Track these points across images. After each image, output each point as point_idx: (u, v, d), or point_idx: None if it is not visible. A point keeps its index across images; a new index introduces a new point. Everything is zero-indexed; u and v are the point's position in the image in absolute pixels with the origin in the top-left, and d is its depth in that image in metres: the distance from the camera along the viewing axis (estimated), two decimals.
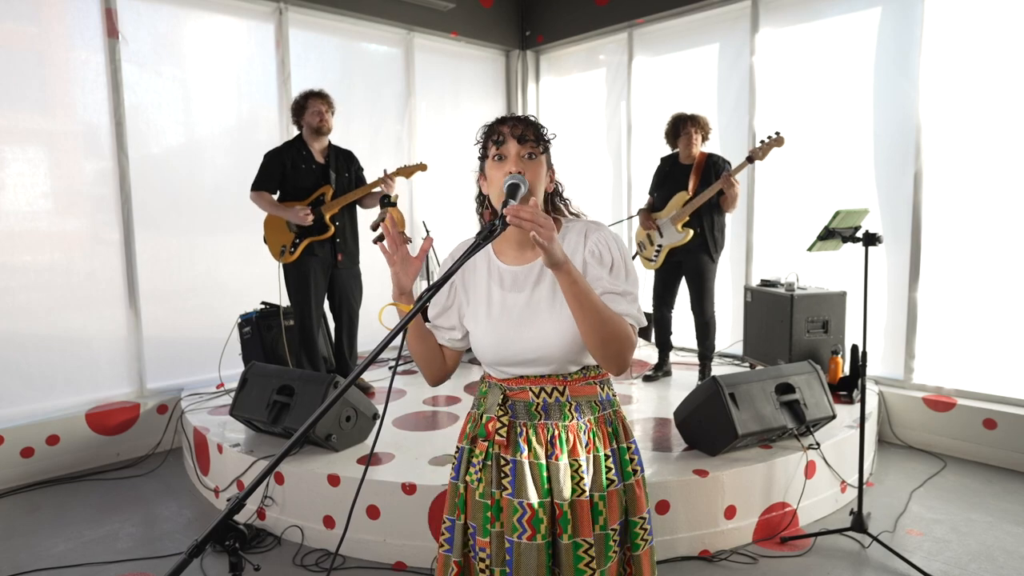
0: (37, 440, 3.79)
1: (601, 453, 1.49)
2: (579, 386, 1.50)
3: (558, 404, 1.48)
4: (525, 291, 1.48)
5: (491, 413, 1.50)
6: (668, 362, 4.44)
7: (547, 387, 1.48)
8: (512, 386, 1.50)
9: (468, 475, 1.54)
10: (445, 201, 5.60)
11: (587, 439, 1.49)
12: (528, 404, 1.49)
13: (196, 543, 1.00)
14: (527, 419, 1.48)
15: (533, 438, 1.47)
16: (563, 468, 1.45)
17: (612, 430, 1.53)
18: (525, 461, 1.46)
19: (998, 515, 3.18)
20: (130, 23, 4.15)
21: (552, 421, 1.48)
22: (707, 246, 4.04)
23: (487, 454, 1.50)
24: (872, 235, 2.79)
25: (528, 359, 1.47)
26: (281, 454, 1.06)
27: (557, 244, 1.27)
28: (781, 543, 2.93)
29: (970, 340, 3.99)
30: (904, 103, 4.13)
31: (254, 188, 3.83)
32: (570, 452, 1.47)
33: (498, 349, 1.48)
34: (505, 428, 1.48)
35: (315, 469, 2.98)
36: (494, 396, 1.52)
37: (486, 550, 1.49)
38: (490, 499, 1.48)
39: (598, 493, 1.47)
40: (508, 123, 1.46)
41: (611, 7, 5.58)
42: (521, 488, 1.44)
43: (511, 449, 1.48)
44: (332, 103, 3.89)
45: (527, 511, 1.43)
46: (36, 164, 3.91)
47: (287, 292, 3.95)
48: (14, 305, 3.84)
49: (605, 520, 1.47)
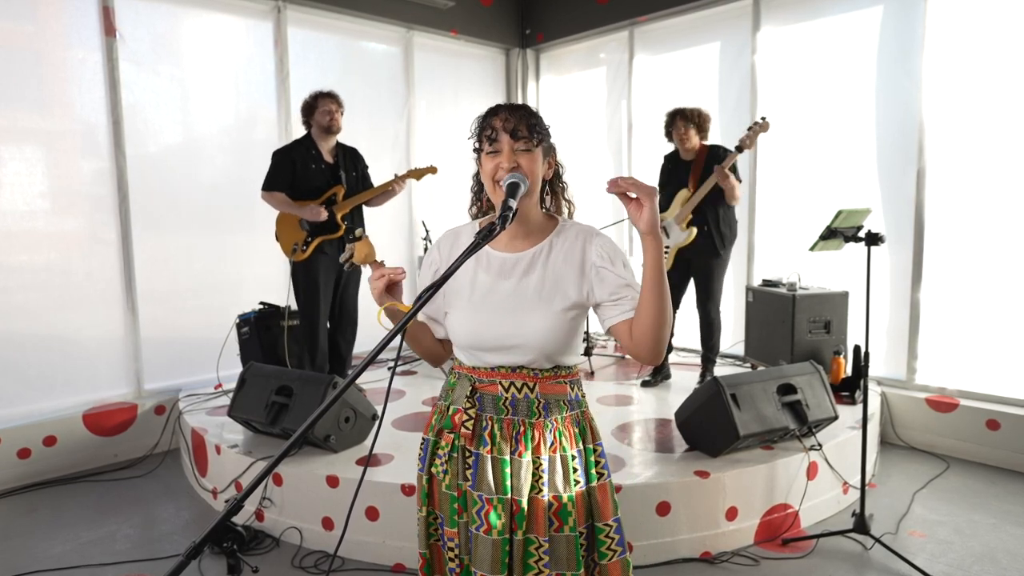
0: (34, 441, 3.77)
1: (568, 453, 1.49)
2: (550, 384, 1.49)
3: (527, 400, 1.48)
4: (512, 279, 1.48)
5: (458, 405, 1.51)
6: (667, 365, 4.41)
7: (517, 382, 1.48)
8: (482, 378, 1.50)
9: (434, 467, 1.55)
10: (444, 200, 5.58)
11: (552, 438, 1.48)
12: (496, 398, 1.48)
13: (194, 544, 1.00)
14: (494, 413, 1.49)
15: (498, 433, 1.47)
16: (525, 465, 1.45)
17: (579, 430, 1.53)
18: (487, 456, 1.46)
19: (1001, 516, 3.16)
20: (128, 21, 4.13)
21: (519, 417, 1.48)
22: (714, 242, 3.99)
23: (453, 446, 1.50)
24: (874, 235, 2.77)
25: (506, 346, 1.46)
26: (280, 455, 1.05)
27: (656, 207, 1.31)
28: (783, 545, 2.92)
29: (973, 340, 3.97)
30: (906, 101, 4.11)
31: (266, 188, 3.81)
32: (534, 450, 1.46)
33: (476, 332, 1.48)
34: (471, 421, 1.48)
35: (314, 470, 2.96)
36: (462, 388, 1.52)
37: (455, 540, 1.50)
38: (456, 491, 1.50)
39: (567, 494, 1.46)
40: (500, 115, 1.44)
41: (612, 5, 5.57)
42: (481, 481, 1.45)
43: (475, 442, 1.48)
44: (342, 103, 3.89)
45: (484, 505, 1.44)
46: (33, 163, 3.89)
47: (295, 290, 3.94)
48: (11, 305, 3.81)
49: (574, 521, 1.46)
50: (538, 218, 1.52)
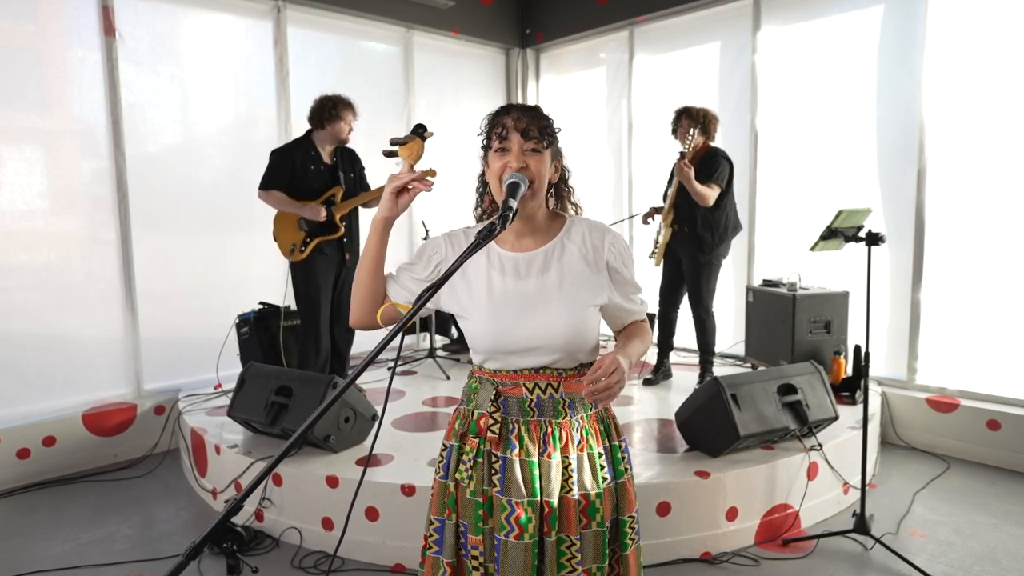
0: (33, 441, 3.76)
1: (595, 451, 1.49)
2: (573, 383, 1.49)
3: (552, 401, 1.47)
4: (531, 278, 1.47)
5: (483, 409, 1.49)
6: (668, 364, 4.40)
7: (541, 383, 1.47)
8: (505, 382, 1.49)
9: (458, 473, 1.51)
10: (444, 200, 5.56)
11: (580, 437, 1.48)
12: (521, 400, 1.47)
13: (194, 545, 0.99)
14: (519, 416, 1.47)
15: (525, 435, 1.46)
16: (555, 466, 1.45)
17: (604, 428, 1.54)
18: (515, 459, 1.45)
19: (1002, 517, 3.16)
20: (127, 21, 4.13)
21: (545, 418, 1.47)
22: (696, 243, 3.99)
23: (478, 451, 1.48)
24: (875, 235, 2.77)
25: (530, 347, 1.45)
26: (279, 455, 1.05)
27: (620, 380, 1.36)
28: (783, 545, 2.91)
29: (974, 340, 3.97)
30: (907, 101, 4.11)
31: (263, 187, 3.79)
32: (562, 449, 1.46)
33: (498, 336, 1.46)
34: (497, 425, 1.47)
35: (314, 470, 2.96)
36: (486, 392, 1.50)
37: (479, 548, 1.47)
38: (482, 496, 1.47)
39: (595, 491, 1.46)
40: (512, 114, 1.43)
41: (612, 5, 5.56)
42: (510, 486, 1.43)
43: (502, 446, 1.47)
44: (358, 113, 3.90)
45: (515, 509, 1.42)
46: (33, 163, 3.89)
47: (295, 291, 3.93)
48: (11, 305, 3.81)
49: (602, 517, 1.47)
50: (544, 217, 1.52)
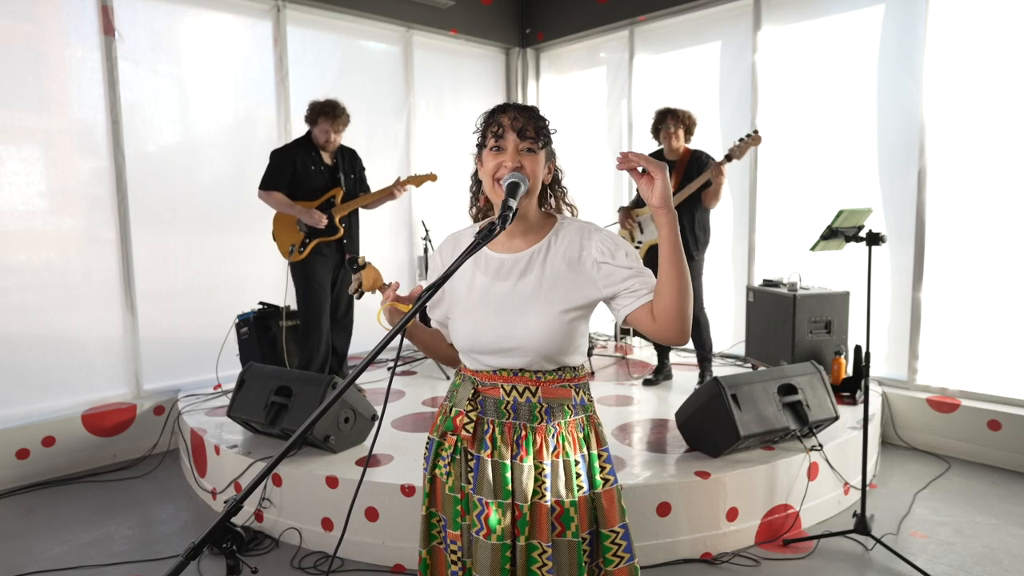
0: (32, 441, 3.75)
1: (571, 458, 1.47)
2: (553, 388, 1.48)
3: (528, 405, 1.46)
4: (510, 280, 1.47)
5: (460, 407, 1.50)
6: (668, 364, 4.40)
7: (519, 386, 1.46)
8: (484, 381, 1.49)
9: (437, 468, 1.54)
10: (444, 200, 5.57)
11: (555, 443, 1.46)
12: (498, 401, 1.47)
13: (193, 545, 0.99)
14: (495, 417, 1.47)
15: (499, 436, 1.46)
16: (527, 470, 1.44)
17: (584, 436, 1.50)
18: (488, 459, 1.45)
19: (1003, 517, 3.16)
20: (126, 20, 4.12)
21: (520, 421, 1.46)
22: (693, 242, 3.98)
23: (456, 448, 1.50)
24: (875, 235, 2.76)
25: (504, 348, 1.45)
26: (279, 455, 1.04)
27: (667, 180, 1.31)
28: (783, 545, 2.91)
29: (974, 341, 3.97)
30: (908, 101, 4.11)
31: (263, 187, 3.79)
32: (535, 455, 1.45)
33: (474, 335, 1.47)
34: (472, 424, 1.47)
35: (313, 471, 2.95)
36: (465, 390, 1.52)
37: (457, 543, 1.49)
38: (459, 492, 1.49)
39: (569, 499, 1.44)
40: (509, 114, 1.43)
41: (612, 5, 5.56)
42: (482, 485, 1.44)
43: (476, 445, 1.47)
44: (343, 120, 3.80)
45: (484, 508, 1.43)
46: (31, 163, 3.88)
47: (296, 292, 3.93)
48: (9, 305, 3.80)
49: (577, 527, 1.44)
50: (536, 217, 1.51)
